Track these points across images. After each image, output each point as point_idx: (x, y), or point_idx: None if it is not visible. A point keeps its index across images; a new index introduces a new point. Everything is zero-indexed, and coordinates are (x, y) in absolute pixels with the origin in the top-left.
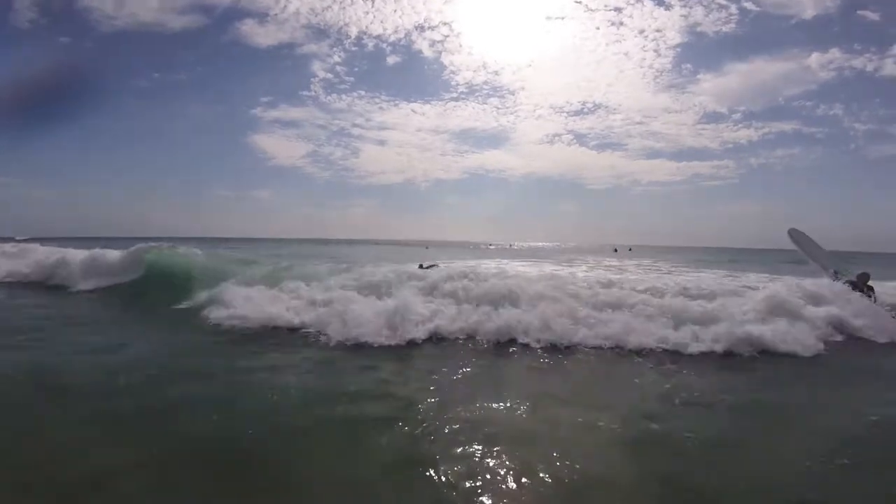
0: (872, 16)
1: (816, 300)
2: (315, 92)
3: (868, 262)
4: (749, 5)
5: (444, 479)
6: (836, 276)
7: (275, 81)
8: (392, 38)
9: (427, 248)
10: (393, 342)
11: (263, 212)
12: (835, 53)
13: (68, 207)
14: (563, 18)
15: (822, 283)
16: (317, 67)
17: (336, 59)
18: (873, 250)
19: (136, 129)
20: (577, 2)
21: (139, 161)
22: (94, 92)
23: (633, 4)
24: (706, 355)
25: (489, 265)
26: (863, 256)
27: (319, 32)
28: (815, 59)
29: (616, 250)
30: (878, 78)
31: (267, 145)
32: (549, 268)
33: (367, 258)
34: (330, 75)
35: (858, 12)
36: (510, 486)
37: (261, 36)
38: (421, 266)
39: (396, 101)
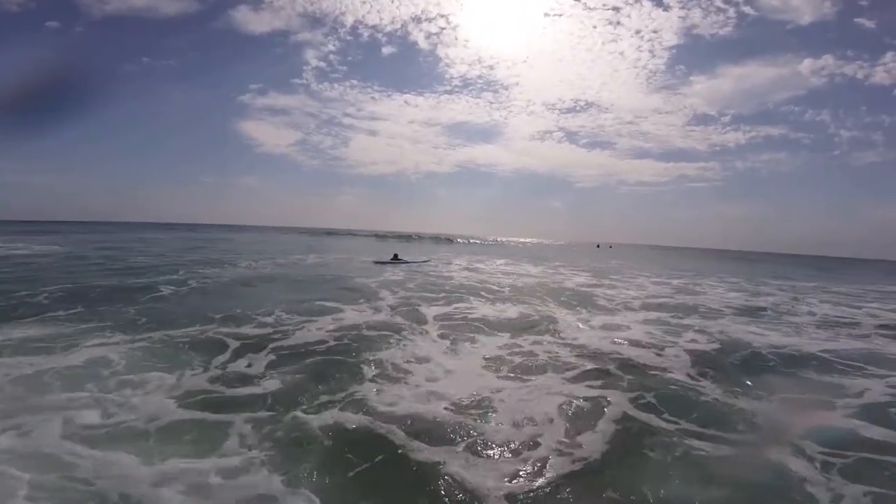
0: (869, 24)
1: None
2: (307, 80)
3: (849, 268)
4: (747, 9)
5: None
6: None
7: (266, 69)
8: (388, 29)
9: (453, 241)
10: None
11: (249, 199)
12: (827, 60)
13: (51, 191)
14: (560, 15)
15: None
16: (310, 55)
17: (330, 47)
18: (855, 256)
19: (124, 113)
20: None
21: (124, 145)
22: (81, 76)
23: (631, 4)
24: None
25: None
26: (842, 263)
27: (315, 20)
28: (807, 64)
29: (598, 246)
30: (867, 86)
31: (255, 132)
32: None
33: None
34: (323, 64)
35: (855, 20)
36: None
37: (254, 23)
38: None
39: (389, 92)
